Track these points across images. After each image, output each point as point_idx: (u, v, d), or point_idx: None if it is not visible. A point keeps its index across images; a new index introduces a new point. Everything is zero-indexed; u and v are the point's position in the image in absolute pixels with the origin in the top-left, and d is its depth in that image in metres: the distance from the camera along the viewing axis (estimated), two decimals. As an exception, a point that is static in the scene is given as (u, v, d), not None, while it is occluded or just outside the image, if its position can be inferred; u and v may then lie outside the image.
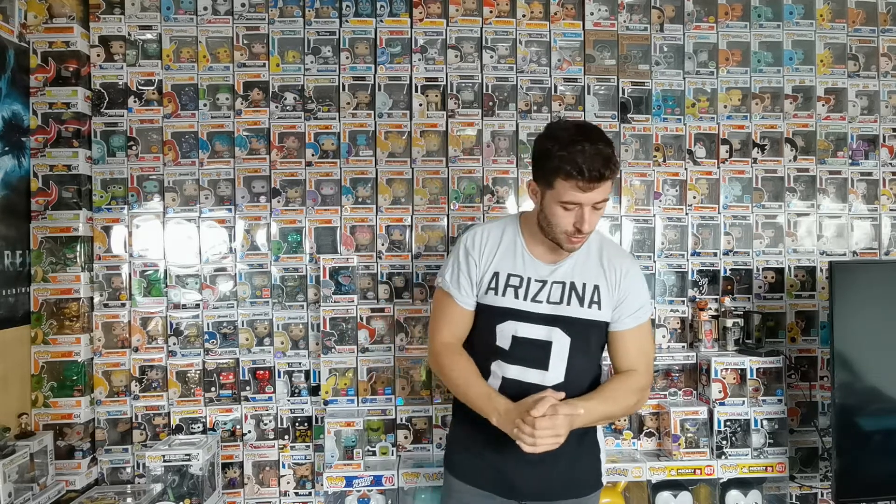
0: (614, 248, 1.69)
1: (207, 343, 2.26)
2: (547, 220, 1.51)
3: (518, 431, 1.39)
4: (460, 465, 1.66)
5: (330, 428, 2.10)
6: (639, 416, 2.30)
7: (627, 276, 1.58)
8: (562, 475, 1.58)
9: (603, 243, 1.65)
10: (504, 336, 1.57)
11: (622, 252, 1.69)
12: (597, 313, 1.56)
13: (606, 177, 1.41)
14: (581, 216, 1.45)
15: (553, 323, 1.55)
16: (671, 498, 2.19)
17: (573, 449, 1.55)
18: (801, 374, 2.35)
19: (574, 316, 1.55)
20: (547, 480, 1.57)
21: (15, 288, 2.08)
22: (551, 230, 1.51)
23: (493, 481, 1.60)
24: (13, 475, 1.82)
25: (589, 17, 2.37)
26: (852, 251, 2.42)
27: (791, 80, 2.42)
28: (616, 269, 1.58)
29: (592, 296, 1.56)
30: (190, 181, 2.29)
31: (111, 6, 2.27)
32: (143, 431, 2.23)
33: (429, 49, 2.36)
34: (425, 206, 2.32)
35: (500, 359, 1.57)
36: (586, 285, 1.57)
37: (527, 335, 1.55)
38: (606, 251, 1.62)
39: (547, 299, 1.56)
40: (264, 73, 2.30)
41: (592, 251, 1.61)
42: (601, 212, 1.49)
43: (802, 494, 2.33)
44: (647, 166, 2.37)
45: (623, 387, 1.56)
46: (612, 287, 1.57)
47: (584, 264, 1.59)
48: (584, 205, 1.44)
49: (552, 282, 1.57)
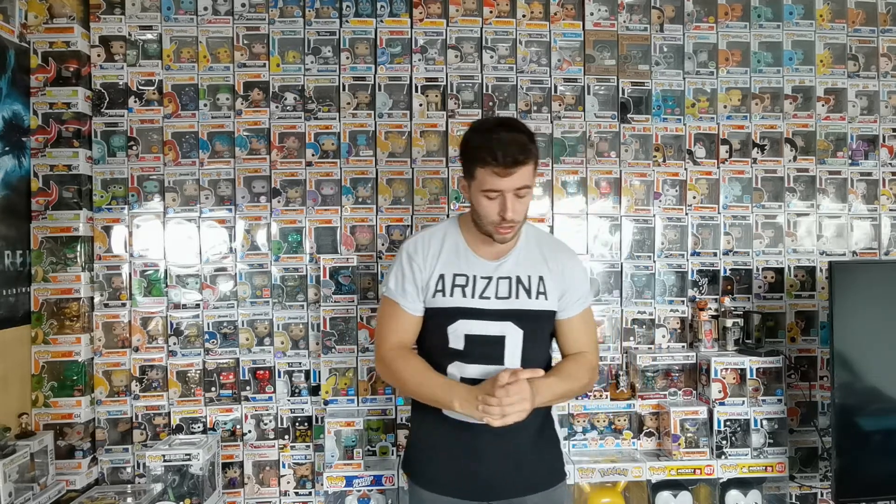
0: (552, 241, 1.77)
1: (208, 343, 2.27)
2: (476, 213, 1.55)
3: (484, 407, 1.40)
4: (425, 473, 1.64)
5: (330, 428, 2.10)
6: (639, 416, 2.30)
7: (568, 265, 1.64)
8: (529, 469, 1.60)
9: (540, 237, 1.70)
10: (457, 336, 1.56)
11: (560, 243, 1.75)
12: (545, 303, 1.60)
13: (521, 161, 1.45)
14: (504, 204, 1.47)
15: (505, 318, 1.57)
16: (671, 498, 2.20)
17: (536, 442, 1.61)
18: (801, 374, 2.35)
19: (524, 308, 1.58)
20: (515, 476, 1.58)
21: (15, 288, 2.08)
22: (481, 223, 1.54)
23: (461, 485, 1.59)
24: (13, 475, 1.82)
25: (589, 18, 2.37)
26: (852, 251, 2.43)
27: (791, 80, 2.42)
28: (557, 260, 1.63)
29: (539, 287, 1.60)
30: (190, 181, 2.29)
31: (111, 6, 2.27)
32: (144, 431, 2.24)
33: (429, 49, 2.36)
34: (425, 206, 2.32)
35: (456, 360, 1.57)
36: (531, 277, 1.60)
37: (480, 332, 1.56)
38: (545, 243, 1.67)
39: (495, 295, 1.58)
40: (264, 74, 2.30)
41: (532, 244, 1.64)
42: (526, 200, 1.52)
43: (802, 494, 2.34)
44: (646, 166, 2.38)
45: (577, 366, 1.62)
46: (555, 277, 1.61)
47: (527, 258, 1.62)
48: (505, 192, 1.47)
49: (497, 278, 1.59)
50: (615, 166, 2.37)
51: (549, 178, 2.35)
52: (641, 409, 2.30)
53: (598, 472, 2.12)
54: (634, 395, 2.30)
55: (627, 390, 2.30)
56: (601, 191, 2.38)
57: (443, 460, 1.61)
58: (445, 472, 1.60)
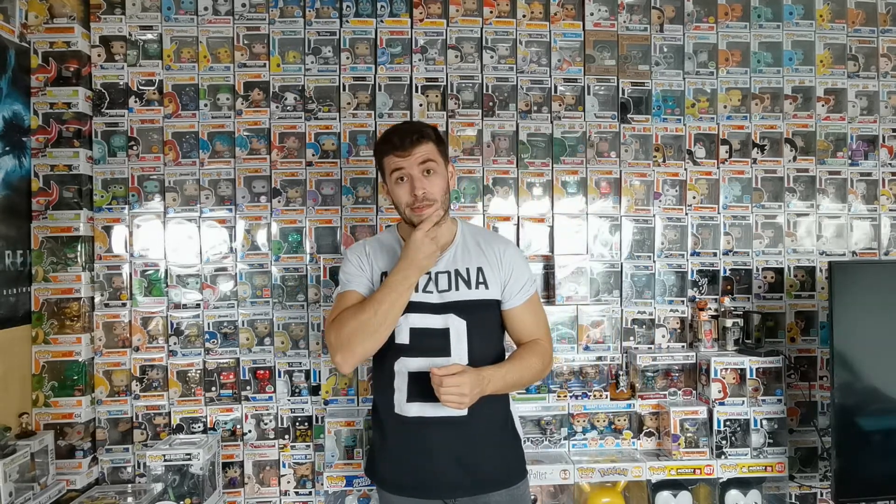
0: (488, 234, 1.82)
1: (208, 343, 2.27)
2: (396, 205, 1.62)
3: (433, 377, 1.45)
4: (385, 476, 1.67)
5: (330, 427, 2.10)
6: (639, 415, 2.30)
7: (506, 255, 1.67)
8: (487, 467, 1.61)
9: (476, 232, 1.75)
10: (402, 331, 1.59)
11: (496, 236, 1.78)
12: (485, 292, 1.63)
13: (417, 140, 1.56)
14: (412, 181, 1.56)
15: (446, 310, 1.60)
16: (671, 498, 2.20)
17: (497, 436, 1.65)
18: (801, 374, 2.36)
19: (464, 299, 1.61)
20: (471, 474, 1.59)
21: (16, 288, 2.08)
22: (402, 211, 1.61)
23: (418, 485, 1.61)
24: (14, 475, 1.82)
25: (589, 18, 2.37)
26: (852, 251, 2.43)
27: (791, 80, 2.42)
28: (494, 251, 1.67)
29: (477, 277, 1.63)
30: (190, 181, 2.30)
31: (112, 6, 2.27)
32: (144, 431, 2.24)
33: (429, 49, 2.36)
34: (425, 206, 2.32)
35: (402, 355, 1.60)
36: (469, 269, 1.64)
37: (423, 325, 1.60)
38: (480, 237, 1.72)
39: (436, 289, 1.62)
40: (265, 74, 2.30)
41: (468, 240, 1.69)
42: (436, 179, 1.58)
43: (802, 494, 2.34)
44: (646, 166, 2.38)
45: (530, 353, 1.64)
46: (494, 267, 1.65)
47: (463, 252, 1.66)
48: (409, 169, 1.56)
49: (436, 272, 1.63)
50: (615, 166, 2.37)
51: (549, 178, 2.35)
52: (641, 409, 2.30)
53: (598, 472, 2.12)
54: (634, 395, 2.31)
55: (627, 390, 2.31)
56: (601, 191, 2.38)
57: (399, 461, 1.63)
58: (403, 472, 1.63)
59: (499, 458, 1.65)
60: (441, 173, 1.60)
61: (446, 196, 1.63)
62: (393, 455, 1.65)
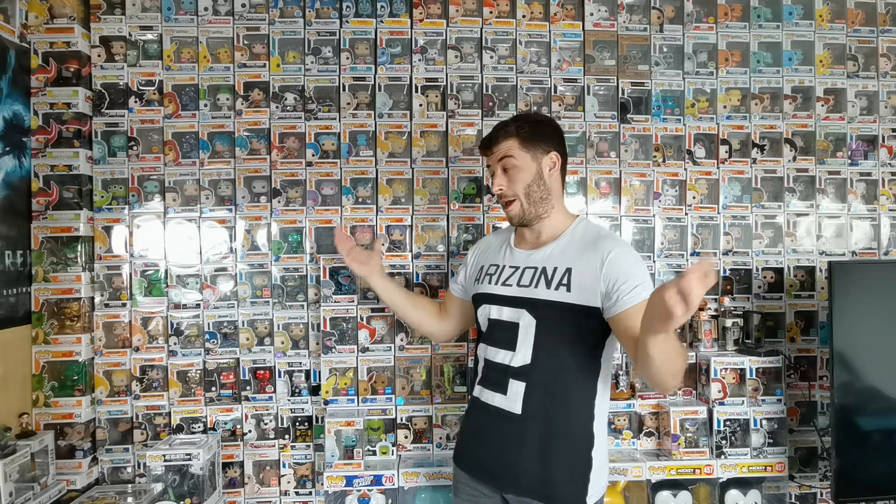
0: (602, 234, 1.63)
1: (208, 343, 2.27)
2: None
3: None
4: (459, 450, 1.76)
5: (330, 427, 2.10)
6: (639, 415, 2.30)
7: (611, 256, 1.51)
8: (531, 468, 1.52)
9: (589, 231, 1.65)
10: (483, 319, 1.71)
11: (610, 236, 1.61)
12: (565, 295, 1.52)
13: (495, 139, 1.67)
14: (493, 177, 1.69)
15: (519, 305, 1.60)
16: (671, 497, 2.20)
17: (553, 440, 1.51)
18: (801, 374, 2.36)
19: (538, 298, 1.56)
20: (515, 470, 1.55)
21: (16, 288, 2.08)
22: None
23: (475, 466, 1.66)
24: (14, 475, 1.82)
25: (589, 18, 2.37)
26: (851, 251, 2.43)
27: (790, 80, 2.42)
28: (600, 253, 1.53)
29: (561, 279, 1.55)
30: (190, 181, 2.30)
31: (112, 6, 2.27)
32: (144, 431, 2.24)
33: (429, 49, 2.36)
34: (425, 206, 2.32)
35: (482, 342, 1.71)
36: (557, 269, 1.58)
37: (498, 317, 1.64)
38: (592, 237, 1.61)
39: (517, 283, 1.63)
40: (265, 74, 2.31)
41: (575, 239, 1.63)
42: (514, 174, 1.64)
43: (802, 494, 2.34)
44: (646, 166, 2.38)
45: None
46: (590, 271, 1.51)
47: (563, 251, 1.61)
48: (493, 166, 1.69)
49: (525, 267, 1.64)
50: (615, 166, 2.37)
51: (548, 178, 2.35)
52: (641, 409, 2.30)
53: (598, 472, 2.12)
54: (634, 395, 2.31)
55: (627, 390, 2.31)
56: (601, 191, 2.38)
57: (465, 438, 1.73)
58: (468, 449, 1.71)
59: (548, 463, 1.51)
60: (523, 167, 1.63)
61: (534, 189, 1.63)
62: (464, 430, 1.76)
